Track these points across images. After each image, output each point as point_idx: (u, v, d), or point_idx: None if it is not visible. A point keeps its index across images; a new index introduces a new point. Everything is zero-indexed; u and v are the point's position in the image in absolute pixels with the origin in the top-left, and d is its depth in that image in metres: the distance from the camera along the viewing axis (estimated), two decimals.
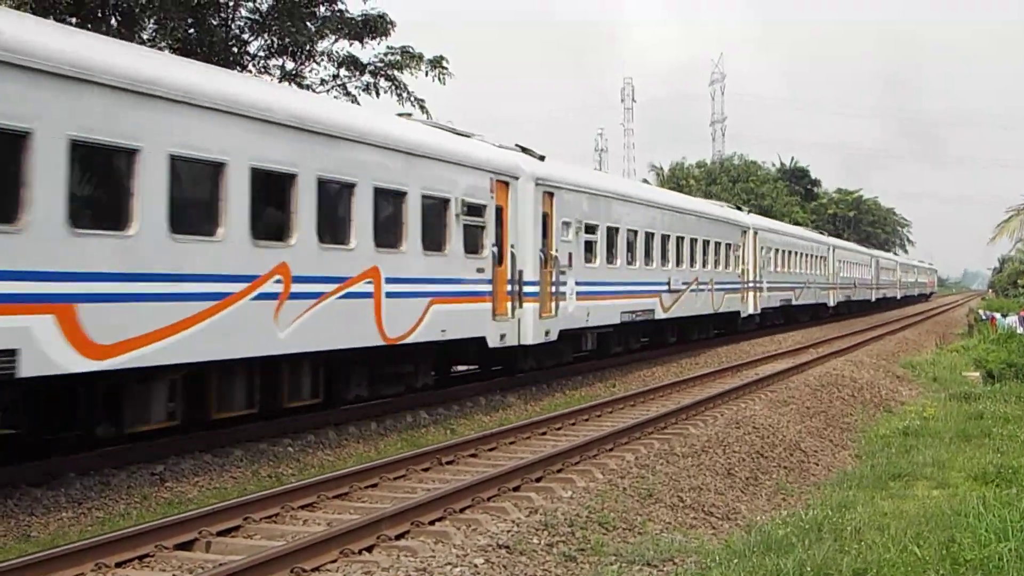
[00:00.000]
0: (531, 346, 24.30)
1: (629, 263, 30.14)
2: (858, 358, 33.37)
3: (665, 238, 33.30)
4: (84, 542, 10.12)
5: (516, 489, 13.50)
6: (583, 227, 26.68)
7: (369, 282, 18.09)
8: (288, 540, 10.57)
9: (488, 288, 22.12)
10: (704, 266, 37.45)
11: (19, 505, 12.37)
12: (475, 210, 21.64)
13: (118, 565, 10.00)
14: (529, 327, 23.66)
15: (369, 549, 10.60)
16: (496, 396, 23.23)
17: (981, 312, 58.85)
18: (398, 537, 11.01)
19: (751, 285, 43.92)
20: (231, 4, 30.94)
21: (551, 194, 24.96)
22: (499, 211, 22.73)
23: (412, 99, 32.95)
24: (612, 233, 28.97)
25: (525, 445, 17.35)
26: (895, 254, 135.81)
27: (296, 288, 16.24)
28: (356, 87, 33.02)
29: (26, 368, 12.08)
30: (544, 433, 18.47)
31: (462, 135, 23.03)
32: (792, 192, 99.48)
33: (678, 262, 34.46)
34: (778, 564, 10.17)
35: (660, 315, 32.50)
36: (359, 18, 31.80)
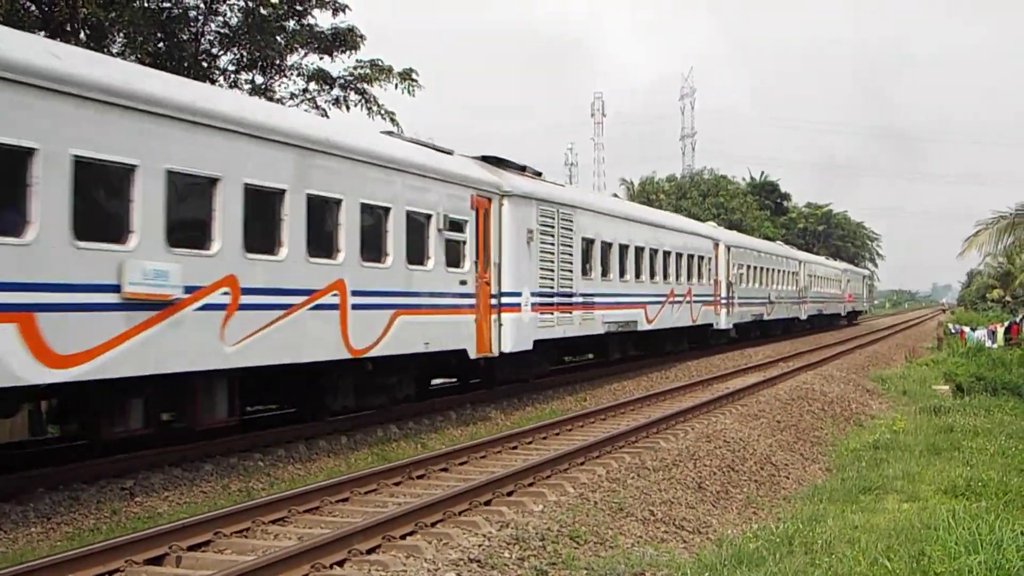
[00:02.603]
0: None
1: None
2: (828, 372, 33.49)
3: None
4: (53, 557, 10.04)
5: (487, 503, 13.49)
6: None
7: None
8: (259, 555, 10.54)
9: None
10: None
11: None
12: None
13: None
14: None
15: (340, 564, 10.57)
16: (467, 410, 23.22)
17: (950, 326, 59.18)
18: (369, 551, 10.98)
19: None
20: (200, 18, 30.85)
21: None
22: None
23: (383, 112, 32.91)
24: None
25: (496, 459, 17.33)
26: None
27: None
28: (326, 101, 32.95)
29: None
30: (515, 447, 18.46)
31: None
32: (762, 207, 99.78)
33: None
34: None
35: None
36: (328, 32, 31.75)
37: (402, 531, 11.72)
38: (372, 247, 19.15)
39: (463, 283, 22.48)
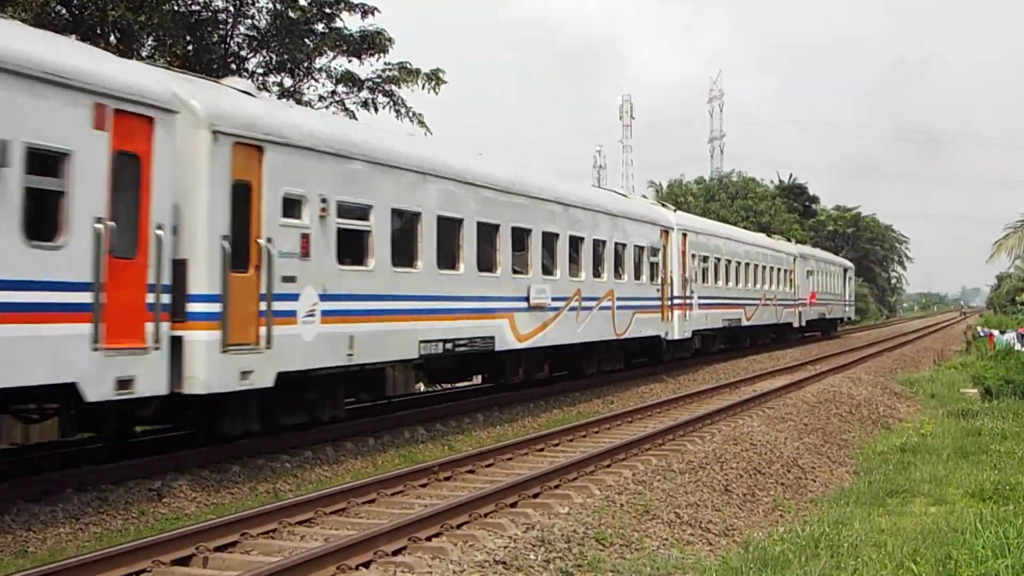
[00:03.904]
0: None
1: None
2: (856, 375, 33.37)
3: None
4: (81, 558, 10.12)
5: (513, 505, 13.50)
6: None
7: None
8: (285, 556, 10.58)
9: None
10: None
11: (17, 520, 12.36)
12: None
13: None
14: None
15: (366, 565, 10.60)
16: (494, 412, 23.26)
17: (979, 329, 58.87)
18: (395, 553, 11.01)
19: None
20: (230, 21, 31.00)
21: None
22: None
23: (411, 115, 33.02)
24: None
25: (523, 461, 17.35)
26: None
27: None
28: (354, 103, 33.07)
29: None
30: (542, 449, 18.47)
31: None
32: (791, 209, 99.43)
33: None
34: None
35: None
36: (357, 35, 31.86)
37: (428, 532, 11.74)
38: None
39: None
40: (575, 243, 27.43)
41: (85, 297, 13.13)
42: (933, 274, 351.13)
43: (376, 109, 33.02)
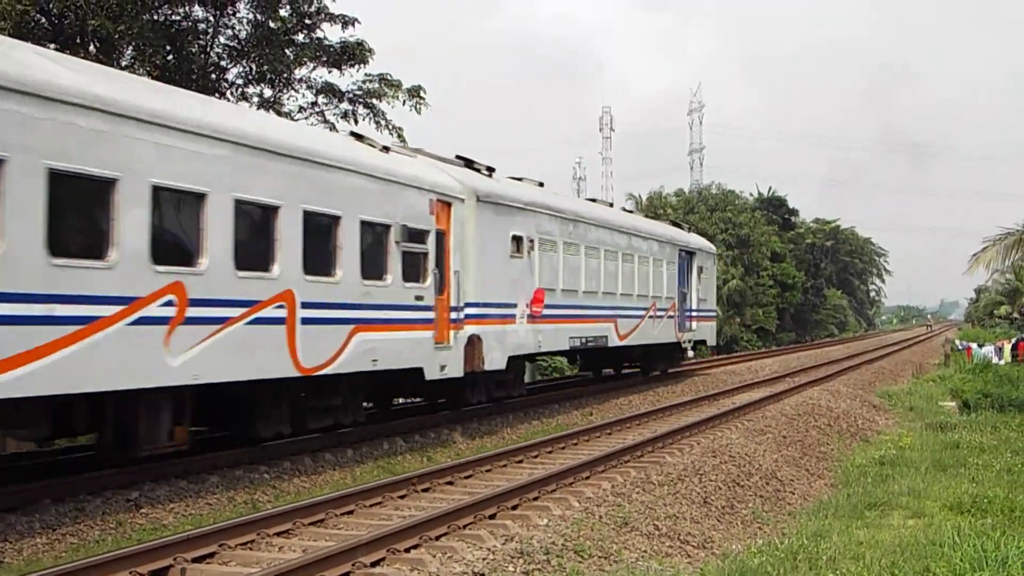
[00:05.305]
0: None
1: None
2: (835, 388, 33.45)
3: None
4: (58, 568, 10.05)
5: (492, 517, 13.48)
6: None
7: None
8: (263, 567, 10.53)
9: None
10: None
11: None
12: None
13: None
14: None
15: None
16: (473, 424, 23.22)
17: (957, 342, 59.11)
18: (373, 564, 10.98)
19: None
20: (209, 31, 30.95)
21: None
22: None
23: (390, 127, 33.01)
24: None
25: (501, 473, 17.33)
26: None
27: None
28: (334, 114, 33.06)
29: None
30: (520, 461, 18.44)
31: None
32: (770, 221, 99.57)
33: None
34: None
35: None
36: (337, 45, 31.85)
37: (407, 544, 11.72)
38: None
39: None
40: None
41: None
42: (912, 287, 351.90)
43: (356, 121, 33.03)
